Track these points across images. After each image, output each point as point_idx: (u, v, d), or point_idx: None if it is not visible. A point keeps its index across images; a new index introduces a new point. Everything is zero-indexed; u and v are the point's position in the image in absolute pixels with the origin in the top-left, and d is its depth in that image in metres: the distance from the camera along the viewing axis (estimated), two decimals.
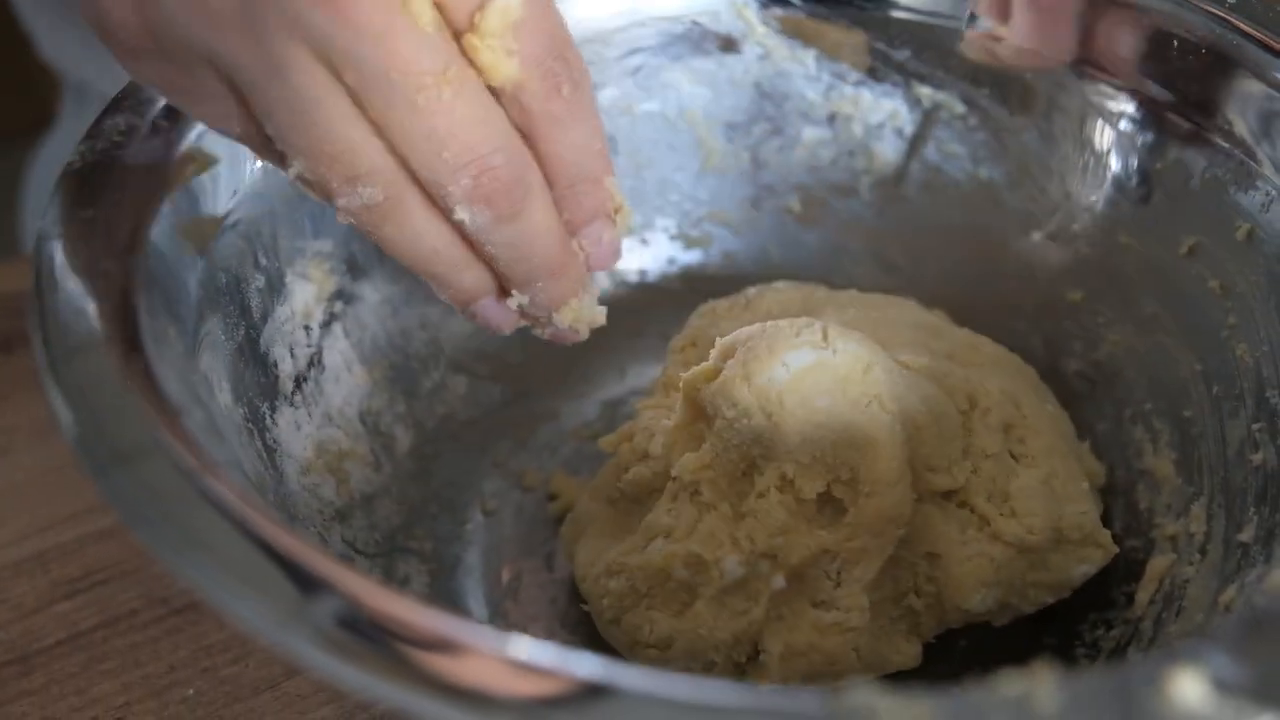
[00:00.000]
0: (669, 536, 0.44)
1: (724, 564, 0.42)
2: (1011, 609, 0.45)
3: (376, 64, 0.34)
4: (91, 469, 0.32)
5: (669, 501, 0.45)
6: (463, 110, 0.35)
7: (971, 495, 0.44)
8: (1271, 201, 0.45)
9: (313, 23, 0.33)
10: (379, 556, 0.46)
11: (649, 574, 0.43)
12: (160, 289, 0.38)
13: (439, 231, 0.38)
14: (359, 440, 0.48)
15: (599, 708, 0.27)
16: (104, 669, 0.47)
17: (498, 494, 0.52)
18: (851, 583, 0.42)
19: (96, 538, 0.51)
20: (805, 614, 0.43)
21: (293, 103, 0.35)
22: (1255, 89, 0.46)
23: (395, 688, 0.28)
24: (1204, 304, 0.47)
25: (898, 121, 0.54)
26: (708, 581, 0.43)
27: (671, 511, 0.44)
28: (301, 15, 0.33)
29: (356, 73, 0.34)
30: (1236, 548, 0.42)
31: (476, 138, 0.36)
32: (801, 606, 0.43)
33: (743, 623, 0.42)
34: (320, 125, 0.35)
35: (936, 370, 0.45)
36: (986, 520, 0.44)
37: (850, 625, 0.42)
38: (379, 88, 0.34)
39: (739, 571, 0.42)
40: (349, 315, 0.49)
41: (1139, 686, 0.27)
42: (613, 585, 0.44)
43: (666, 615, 0.43)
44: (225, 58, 0.34)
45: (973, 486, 0.44)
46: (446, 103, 0.35)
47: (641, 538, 0.45)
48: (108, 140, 0.40)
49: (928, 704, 0.26)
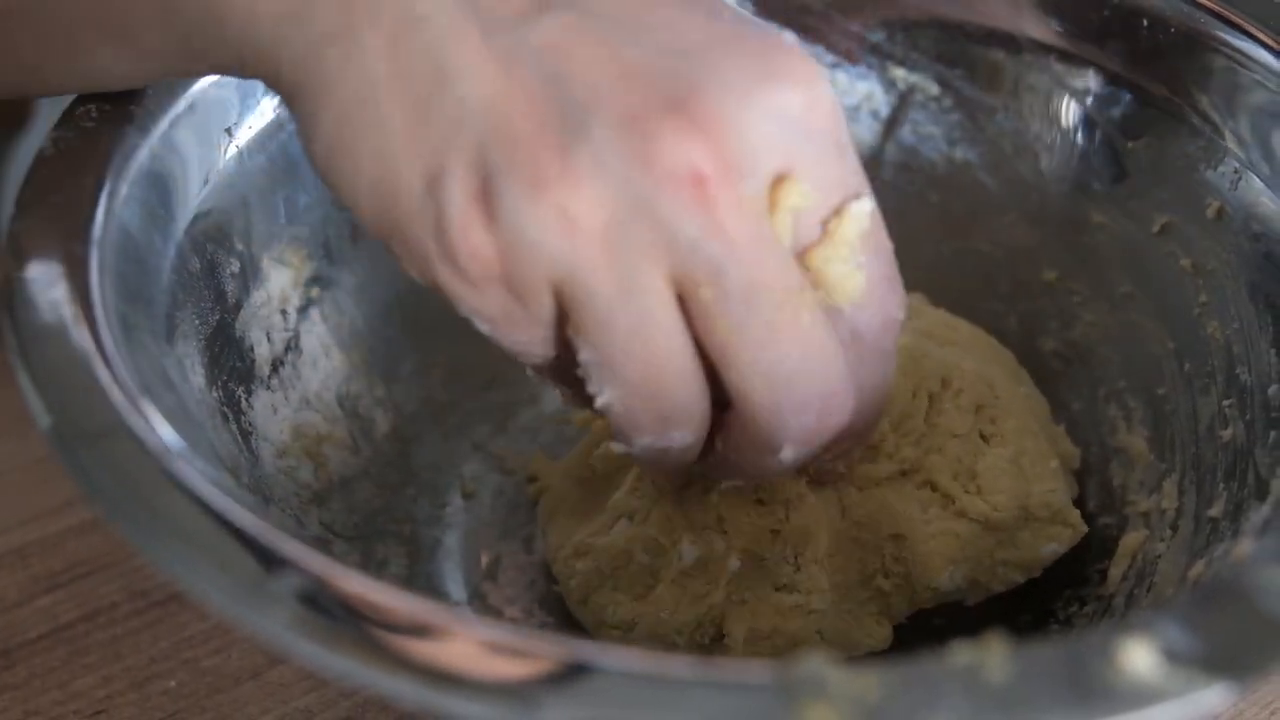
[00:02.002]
0: (632, 519, 0.44)
1: (680, 547, 0.42)
2: (982, 588, 0.45)
3: (741, 276, 0.31)
4: (61, 452, 0.32)
5: (634, 481, 0.45)
6: (816, 340, 0.33)
7: (936, 474, 0.44)
8: (1239, 179, 0.45)
9: (682, 230, 0.31)
10: (357, 539, 0.47)
11: (612, 556, 0.44)
12: (131, 273, 0.38)
13: (695, 453, 0.36)
14: (337, 424, 0.49)
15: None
16: (85, 662, 0.47)
17: (477, 477, 0.52)
18: (809, 564, 0.43)
19: (77, 531, 0.51)
20: (768, 598, 0.43)
21: (636, 329, 0.32)
22: (1222, 66, 0.46)
23: (355, 664, 0.28)
24: (1176, 282, 0.47)
25: (873, 104, 0.54)
26: (667, 565, 0.43)
27: (636, 492, 0.45)
28: (671, 223, 0.31)
29: (716, 287, 0.31)
30: (1206, 523, 0.43)
31: (826, 375, 0.33)
32: (764, 591, 0.43)
33: (703, 606, 0.43)
34: (658, 356, 0.32)
35: (915, 349, 0.45)
36: (951, 498, 0.44)
37: (812, 608, 0.42)
38: (738, 303, 0.32)
39: (695, 553, 0.42)
40: (326, 300, 0.49)
41: (1090, 657, 0.27)
42: (580, 566, 0.45)
43: (629, 598, 0.44)
44: (580, 279, 0.31)
45: (937, 466, 0.44)
46: (804, 328, 0.32)
47: (608, 518, 0.45)
48: (79, 127, 0.40)
49: (876, 675, 0.26)
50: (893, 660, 0.27)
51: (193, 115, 0.43)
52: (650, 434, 0.34)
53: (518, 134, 0.31)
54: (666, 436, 0.34)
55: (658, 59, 0.31)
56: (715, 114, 0.31)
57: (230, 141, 0.45)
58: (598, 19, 0.32)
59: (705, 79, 0.31)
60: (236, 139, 0.45)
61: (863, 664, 0.27)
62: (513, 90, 0.31)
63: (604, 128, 0.31)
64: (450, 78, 0.32)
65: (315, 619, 0.28)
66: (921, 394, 0.45)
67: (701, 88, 0.31)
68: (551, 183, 0.31)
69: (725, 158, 0.31)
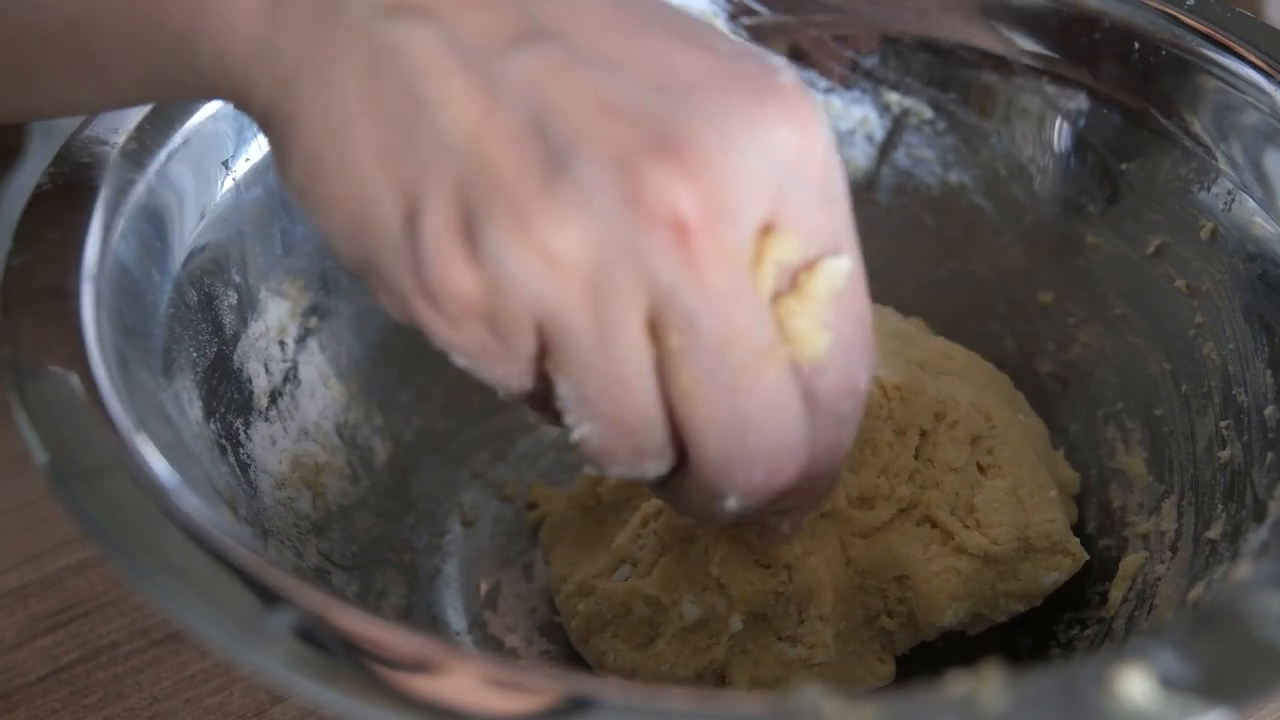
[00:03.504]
0: (635, 565, 0.44)
1: (681, 606, 0.42)
2: (984, 619, 0.45)
3: (712, 330, 0.31)
4: (58, 489, 0.32)
5: (639, 525, 0.45)
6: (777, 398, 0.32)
7: (934, 510, 0.44)
8: (1233, 200, 0.45)
9: (661, 274, 0.30)
10: (356, 569, 0.47)
11: (613, 604, 0.44)
12: (128, 308, 0.39)
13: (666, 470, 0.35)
14: (336, 453, 0.49)
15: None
16: (87, 703, 0.47)
17: (477, 505, 0.52)
18: (813, 620, 0.42)
19: (76, 570, 0.51)
20: (770, 647, 0.43)
21: (611, 370, 0.31)
22: (1213, 87, 0.46)
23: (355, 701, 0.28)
24: (1171, 304, 0.48)
25: (868, 127, 0.54)
26: (667, 621, 0.43)
27: (639, 540, 0.44)
28: (651, 265, 0.30)
29: (686, 336, 0.31)
30: (1205, 545, 0.43)
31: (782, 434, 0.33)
32: (767, 640, 0.43)
33: (704, 660, 0.43)
34: (632, 395, 0.32)
35: (908, 387, 0.45)
36: (950, 534, 0.44)
37: (815, 661, 0.42)
38: (704, 356, 0.31)
39: (696, 613, 0.42)
40: (324, 330, 0.49)
41: (1085, 685, 0.27)
42: (581, 607, 0.45)
43: (630, 647, 0.44)
44: (560, 319, 0.31)
45: (935, 501, 0.44)
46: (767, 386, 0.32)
47: (611, 561, 0.45)
48: (76, 163, 0.41)
49: (872, 706, 0.26)
50: (889, 690, 0.27)
51: (189, 150, 0.43)
52: (624, 465, 0.34)
53: (499, 169, 0.30)
54: (640, 467, 0.34)
55: (646, 96, 0.30)
56: (704, 157, 0.30)
57: (227, 175, 0.45)
58: (584, 53, 0.31)
59: (696, 119, 0.30)
60: (233, 172, 0.45)
61: (859, 695, 0.27)
62: (495, 124, 0.30)
63: (589, 165, 0.30)
64: (428, 109, 0.31)
65: (313, 656, 0.28)
66: (912, 432, 0.45)
67: (692, 128, 0.30)
68: (535, 222, 0.30)
69: (712, 203, 0.30)
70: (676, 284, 0.30)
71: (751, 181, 0.30)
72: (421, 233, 0.31)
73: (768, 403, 0.32)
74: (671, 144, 0.30)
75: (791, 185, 0.31)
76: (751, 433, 0.32)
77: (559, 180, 0.30)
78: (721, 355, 0.31)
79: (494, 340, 0.32)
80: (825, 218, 0.32)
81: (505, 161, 0.30)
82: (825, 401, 0.33)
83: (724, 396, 0.31)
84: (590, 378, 0.32)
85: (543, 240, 0.30)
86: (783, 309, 0.32)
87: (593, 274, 0.30)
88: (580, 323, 0.31)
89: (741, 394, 0.31)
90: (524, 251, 0.30)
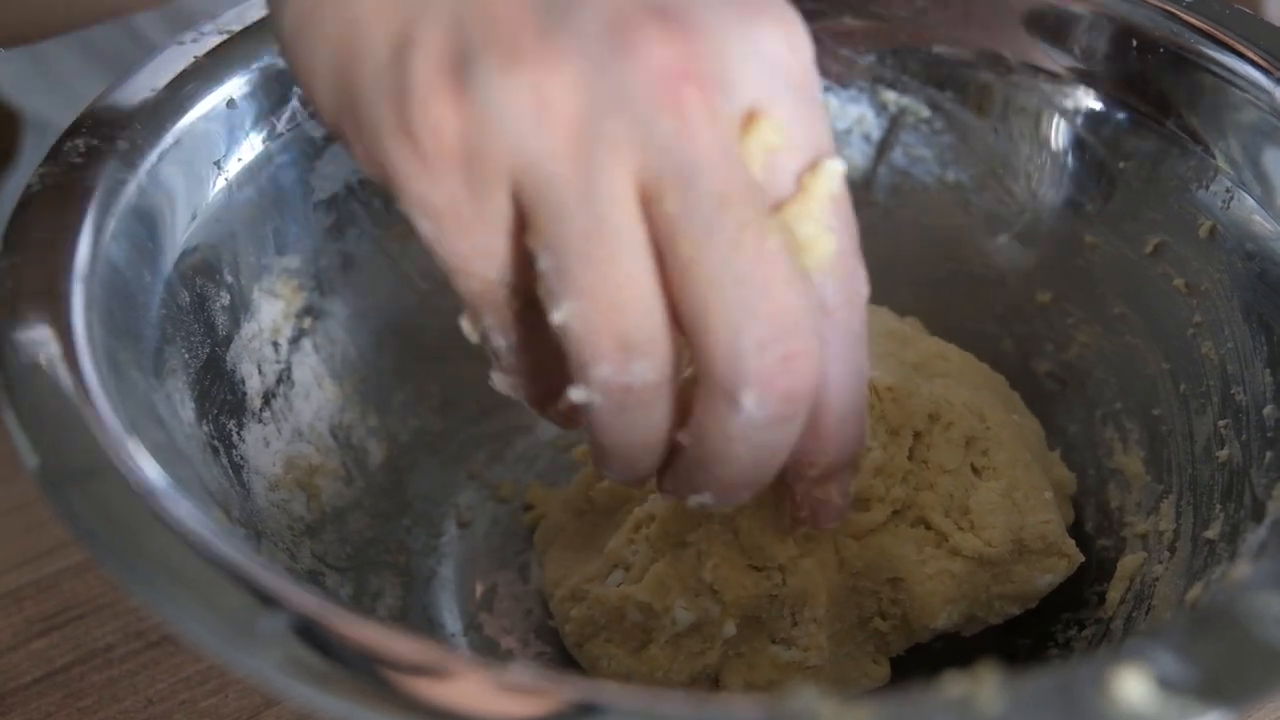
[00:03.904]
0: (628, 570, 0.44)
1: (674, 612, 0.42)
2: (979, 622, 0.45)
3: (710, 188, 0.30)
4: (49, 492, 0.32)
5: (631, 530, 0.45)
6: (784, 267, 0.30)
7: (928, 511, 0.44)
8: (1231, 198, 0.45)
9: (656, 129, 0.30)
10: (350, 571, 0.46)
11: (606, 610, 0.43)
12: (119, 309, 0.38)
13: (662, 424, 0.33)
14: (330, 455, 0.48)
15: None
16: (82, 705, 0.47)
17: (473, 506, 0.52)
18: (806, 622, 0.42)
19: (71, 573, 0.51)
20: (764, 650, 0.43)
21: (595, 230, 0.30)
22: (1211, 85, 0.46)
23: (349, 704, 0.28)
24: (1170, 303, 0.47)
25: (865, 127, 0.54)
26: (660, 627, 0.43)
27: (632, 545, 0.44)
28: (645, 119, 0.30)
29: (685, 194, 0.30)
30: (1203, 545, 0.42)
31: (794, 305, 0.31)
32: (761, 643, 0.43)
33: (699, 664, 0.43)
34: (614, 262, 0.30)
35: (900, 389, 0.45)
36: (944, 536, 0.44)
37: (809, 664, 0.42)
38: (704, 215, 0.30)
39: (689, 618, 0.42)
40: (319, 330, 0.49)
41: (1083, 686, 0.27)
42: (575, 612, 0.44)
43: (624, 652, 0.43)
44: (541, 171, 0.30)
45: (929, 503, 0.44)
46: (769, 252, 0.30)
47: (604, 565, 0.45)
48: (67, 163, 0.40)
49: (868, 708, 0.26)
50: (886, 692, 0.27)
51: (180, 150, 0.43)
52: (610, 362, 0.31)
53: (499, 12, 0.30)
54: (628, 369, 0.32)
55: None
56: (701, 30, 0.30)
57: (219, 175, 0.45)
58: None
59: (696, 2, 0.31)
60: (225, 172, 0.45)
61: (855, 697, 0.26)
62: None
63: (588, 15, 0.30)
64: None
65: (307, 659, 0.28)
66: (905, 433, 0.44)
67: (689, 5, 0.31)
68: (528, 59, 0.30)
69: (705, 67, 0.30)
70: (671, 138, 0.30)
71: (743, 66, 0.31)
72: (410, 63, 0.31)
73: (771, 272, 0.30)
74: (671, 13, 0.30)
75: (780, 82, 0.32)
76: (759, 305, 0.30)
77: (557, 26, 0.30)
78: (721, 217, 0.30)
79: (466, 194, 0.31)
80: (814, 119, 0.32)
81: (506, 6, 0.30)
82: (837, 314, 0.33)
83: (728, 254, 0.30)
84: (570, 238, 0.30)
85: (534, 78, 0.30)
86: (790, 214, 0.31)
87: (581, 122, 0.30)
88: (562, 173, 0.30)
89: (744, 259, 0.30)
90: (513, 88, 0.30)
